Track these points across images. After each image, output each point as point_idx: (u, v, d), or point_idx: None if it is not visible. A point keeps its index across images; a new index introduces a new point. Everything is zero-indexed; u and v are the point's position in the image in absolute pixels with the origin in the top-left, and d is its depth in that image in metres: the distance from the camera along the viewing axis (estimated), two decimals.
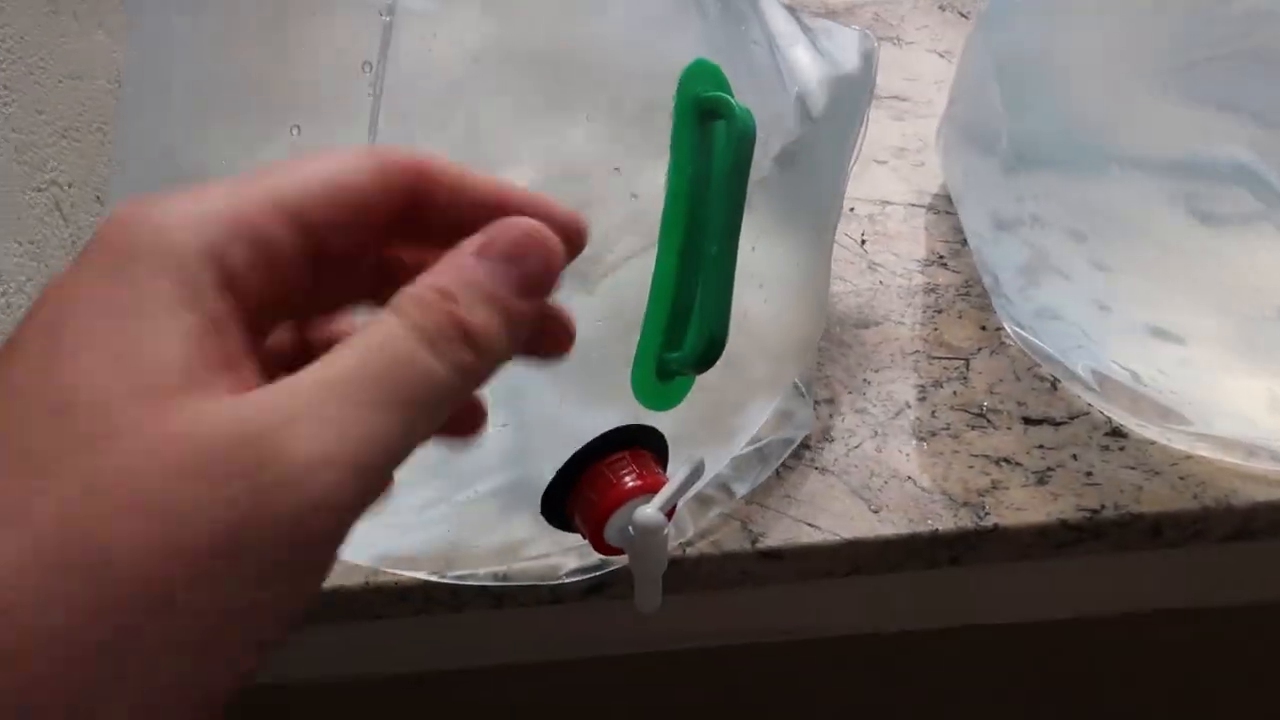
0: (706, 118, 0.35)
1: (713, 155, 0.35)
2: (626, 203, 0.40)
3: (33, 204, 0.49)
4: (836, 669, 0.60)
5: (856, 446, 0.50)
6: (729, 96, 0.35)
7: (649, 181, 0.36)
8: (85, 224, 0.53)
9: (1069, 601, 0.55)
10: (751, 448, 0.50)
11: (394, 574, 0.47)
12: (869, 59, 0.49)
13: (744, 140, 0.35)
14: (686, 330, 0.37)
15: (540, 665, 0.56)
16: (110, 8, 0.56)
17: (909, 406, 0.52)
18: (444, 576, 0.47)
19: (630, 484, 0.39)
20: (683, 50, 0.36)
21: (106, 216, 0.21)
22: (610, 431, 0.40)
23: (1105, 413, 0.51)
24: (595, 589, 0.48)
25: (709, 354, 0.37)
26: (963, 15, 0.76)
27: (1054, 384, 0.53)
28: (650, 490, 0.39)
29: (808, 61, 0.48)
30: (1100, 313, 0.51)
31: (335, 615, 0.48)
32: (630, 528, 0.39)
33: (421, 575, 0.46)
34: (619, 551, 0.41)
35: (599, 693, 0.60)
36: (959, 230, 0.60)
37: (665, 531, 0.39)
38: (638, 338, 0.37)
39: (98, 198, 0.54)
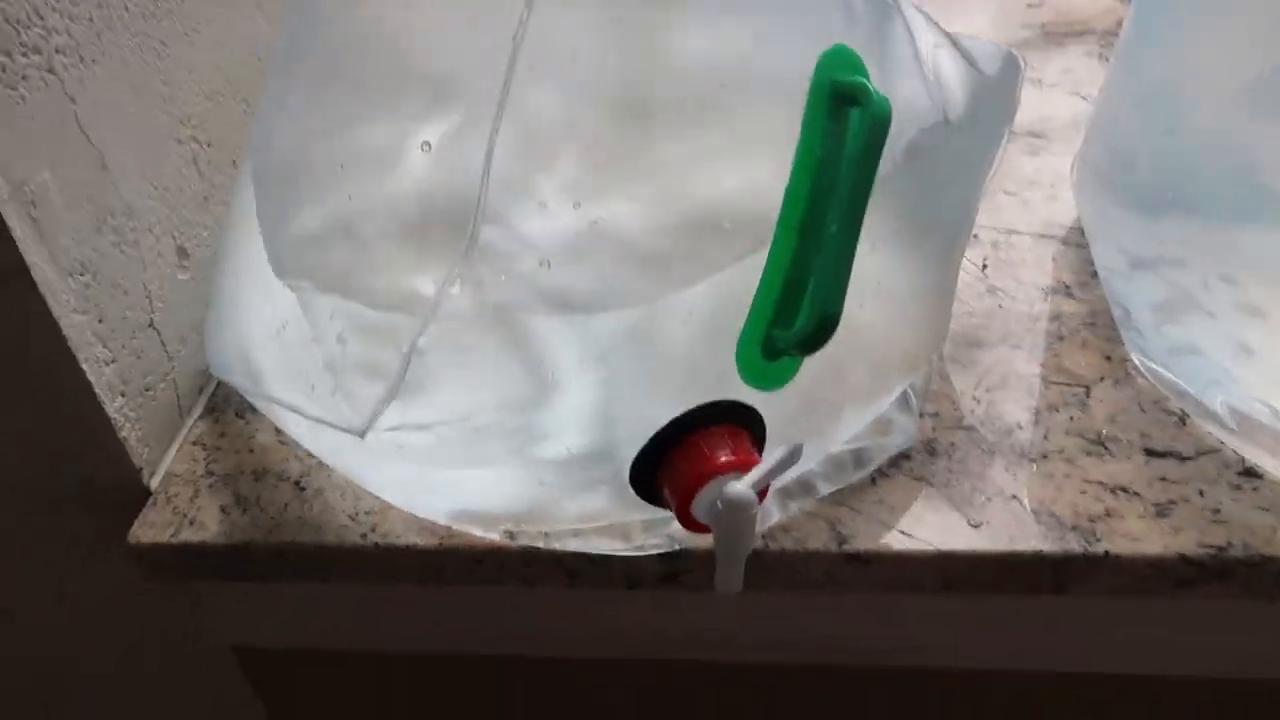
0: (841, 102, 0.35)
1: (844, 139, 0.35)
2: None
3: (172, 154, 0.52)
4: (912, 706, 0.56)
5: (960, 461, 0.48)
6: (867, 82, 0.34)
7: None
8: (218, 182, 0.55)
9: (1188, 658, 0.50)
10: (848, 448, 0.47)
11: (468, 536, 0.46)
12: (1013, 72, 0.48)
13: (877, 125, 0.34)
14: (799, 309, 0.36)
15: (603, 662, 0.54)
16: None
17: (1020, 428, 0.49)
18: (517, 539, 0.45)
19: (724, 459, 0.38)
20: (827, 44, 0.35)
21: None
22: (708, 404, 0.39)
23: (1239, 451, 0.47)
24: (671, 577, 0.46)
25: (821, 332, 0.36)
26: (1105, 59, 0.74)
27: (1183, 419, 0.49)
28: (744, 468, 0.38)
29: (950, 64, 0.47)
30: (1245, 354, 0.48)
31: (405, 574, 0.47)
32: (719, 503, 0.37)
33: (495, 535, 0.45)
34: (704, 529, 0.39)
35: (657, 700, 0.58)
36: (1089, 263, 0.57)
37: (754, 511, 0.37)
38: (743, 320, 0.36)
39: (233, 161, 0.57)
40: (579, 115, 0.40)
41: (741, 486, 0.37)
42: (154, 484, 0.50)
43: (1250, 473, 0.46)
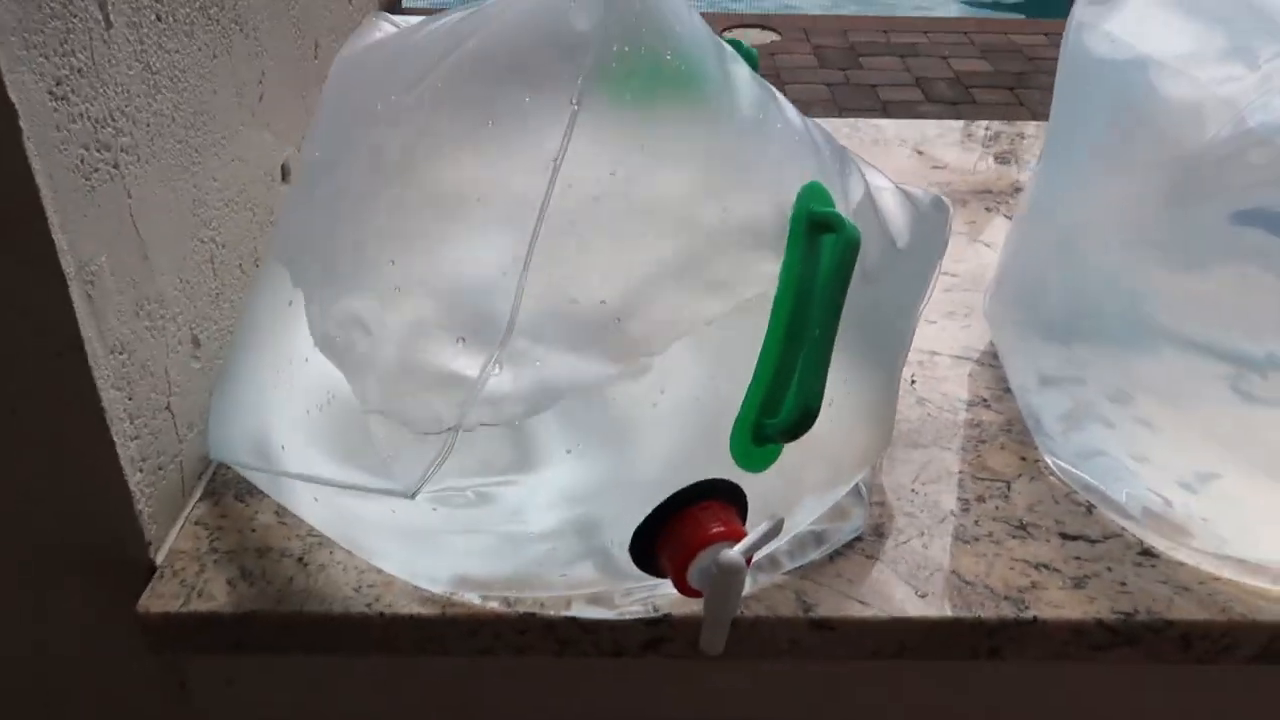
0: (817, 229, 0.43)
1: (819, 258, 0.43)
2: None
3: (195, 252, 0.56)
4: None
5: (905, 542, 0.54)
6: (839, 213, 0.42)
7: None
8: (228, 280, 0.60)
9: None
10: (809, 529, 0.53)
11: (468, 605, 0.50)
12: (944, 211, 0.57)
13: (850, 246, 0.42)
14: (784, 402, 0.43)
15: None
16: (277, 112, 0.65)
17: (954, 514, 0.56)
18: (513, 605, 0.50)
19: (717, 530, 0.43)
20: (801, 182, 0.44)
21: None
22: (703, 481, 0.45)
23: (1138, 535, 0.55)
24: (653, 644, 0.51)
25: (803, 421, 0.43)
26: (1007, 218, 0.85)
27: (1089, 509, 0.57)
28: (734, 538, 0.43)
29: (893, 203, 0.56)
30: (1140, 459, 0.56)
31: (407, 645, 0.51)
32: (714, 567, 0.43)
33: (494, 603, 0.50)
34: (697, 594, 0.44)
35: None
36: (1002, 380, 0.66)
37: (744, 575, 0.43)
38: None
39: (239, 264, 0.62)
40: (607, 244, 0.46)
41: (734, 553, 0.42)
42: (159, 559, 0.53)
43: (1148, 553, 0.54)
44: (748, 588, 0.51)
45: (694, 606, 0.50)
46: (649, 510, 0.45)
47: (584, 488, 0.49)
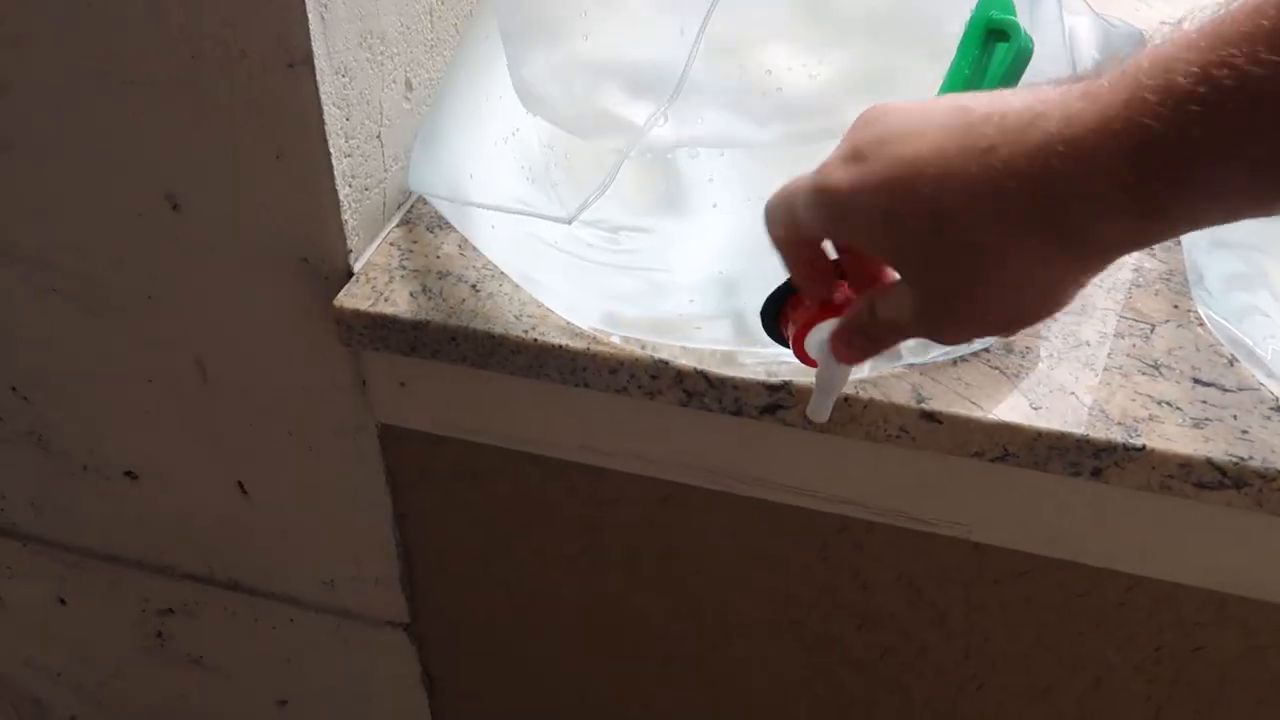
0: (992, 38, 0.44)
1: (988, 68, 0.43)
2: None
3: (417, 3, 0.62)
4: (950, 579, 0.64)
5: (1033, 361, 0.56)
6: (1016, 21, 0.43)
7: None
8: (443, 35, 0.66)
9: (1191, 565, 0.57)
10: None
11: (610, 345, 0.55)
12: (1140, 47, 0.56)
13: (1021, 54, 0.43)
14: None
15: (687, 489, 0.63)
16: None
17: (1088, 344, 0.57)
18: (650, 348, 0.55)
19: (840, 302, 0.46)
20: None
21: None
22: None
23: (1276, 392, 0.54)
24: (771, 409, 0.55)
25: None
26: None
27: (1232, 361, 0.56)
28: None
29: (1087, 32, 0.56)
30: None
31: (552, 372, 0.57)
32: (828, 339, 0.46)
33: (634, 342, 0.55)
34: (813, 363, 0.48)
35: (736, 535, 0.66)
36: None
37: None
38: None
39: (455, 24, 0.67)
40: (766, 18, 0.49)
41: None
42: (357, 267, 0.61)
43: None
44: (868, 372, 0.55)
45: (813, 377, 0.54)
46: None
47: (727, 245, 0.52)
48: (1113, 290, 0.61)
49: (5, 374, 0.75)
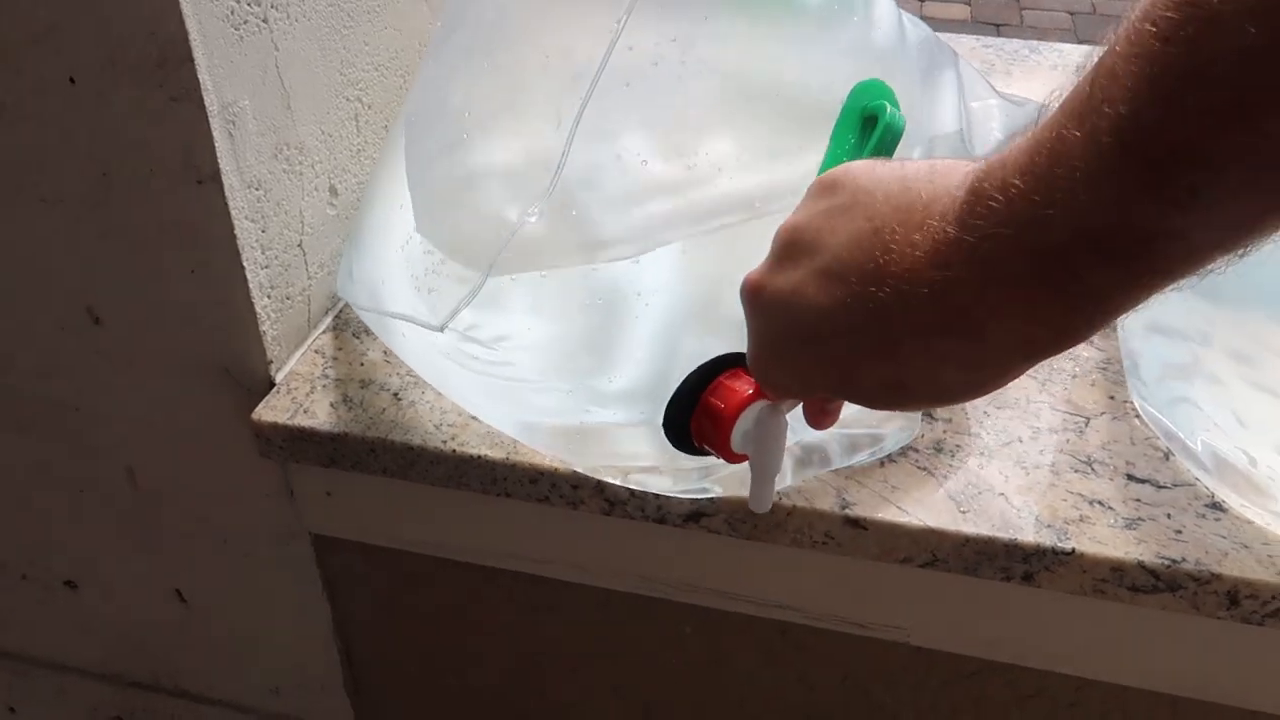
0: (868, 123, 0.43)
1: (864, 147, 0.43)
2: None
3: (340, 109, 0.62)
4: (888, 680, 0.62)
5: (962, 460, 0.55)
6: (887, 103, 0.42)
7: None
8: (371, 139, 0.65)
9: (1126, 665, 0.55)
10: (864, 432, 0.55)
11: (530, 455, 0.54)
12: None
13: (890, 130, 0.42)
14: None
15: (623, 596, 0.62)
16: None
17: (1020, 441, 0.56)
18: (571, 465, 0.54)
19: (751, 391, 0.45)
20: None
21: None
22: (724, 355, 0.47)
23: (1211, 487, 0.53)
24: (696, 516, 0.54)
25: None
26: None
27: (1167, 455, 0.55)
28: (768, 399, 0.45)
29: (998, 116, 0.55)
30: (1240, 423, 0.53)
31: (472, 482, 0.56)
32: (754, 423, 0.45)
33: (556, 457, 0.54)
34: (742, 458, 0.46)
35: (656, 632, 0.65)
36: None
37: (785, 424, 0.45)
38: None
39: (386, 125, 0.67)
40: (655, 104, 0.49)
41: (772, 405, 0.44)
42: (279, 377, 0.60)
43: (1217, 506, 0.52)
44: (795, 480, 0.53)
45: (738, 490, 0.52)
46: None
47: (647, 352, 0.51)
48: (1048, 382, 0.60)
49: None
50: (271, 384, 0.59)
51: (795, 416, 0.45)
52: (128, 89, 0.50)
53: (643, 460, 0.54)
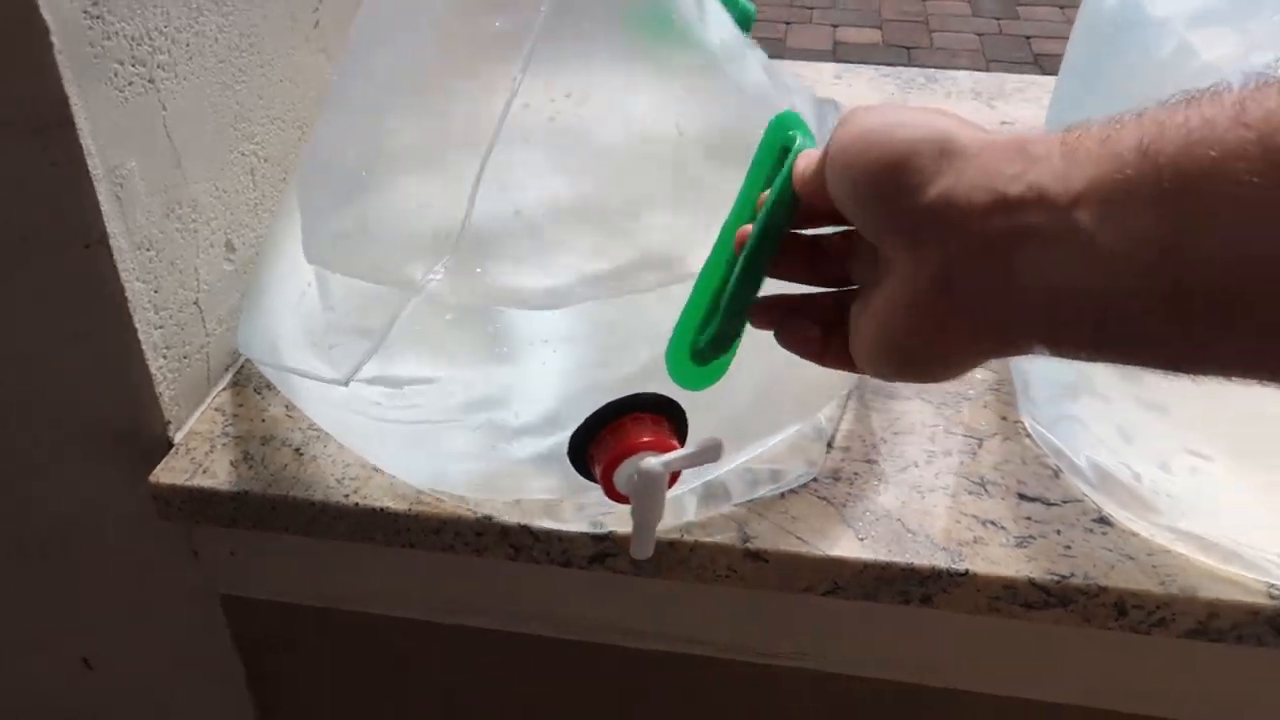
0: (784, 154, 0.44)
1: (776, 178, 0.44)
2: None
3: (235, 164, 0.62)
4: (795, 707, 0.63)
5: (859, 489, 0.56)
6: (798, 133, 0.43)
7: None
8: (268, 193, 0.65)
9: (1029, 679, 0.57)
10: (766, 467, 0.56)
11: (434, 504, 0.54)
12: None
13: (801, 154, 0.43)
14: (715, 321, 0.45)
15: (539, 640, 0.62)
16: (334, 38, 0.70)
17: (916, 466, 0.57)
18: (475, 510, 0.54)
19: (645, 439, 0.46)
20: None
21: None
22: (641, 394, 0.47)
23: (1097, 502, 0.55)
24: (600, 557, 0.54)
25: (723, 336, 0.44)
26: None
27: (1056, 473, 0.57)
28: (661, 450, 0.46)
29: None
30: (1125, 439, 0.55)
31: (376, 535, 0.55)
32: (636, 475, 0.45)
33: (460, 500, 0.54)
34: (624, 499, 0.47)
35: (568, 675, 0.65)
36: None
37: (663, 484, 0.45)
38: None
39: (284, 177, 0.67)
40: (557, 164, 0.50)
41: (655, 462, 0.45)
42: (178, 438, 0.59)
43: (1104, 520, 0.54)
44: (697, 514, 0.54)
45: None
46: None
47: (556, 391, 0.52)
48: (942, 405, 0.61)
49: None
50: (170, 445, 0.59)
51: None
52: (8, 155, 0.50)
53: (552, 494, 0.54)
